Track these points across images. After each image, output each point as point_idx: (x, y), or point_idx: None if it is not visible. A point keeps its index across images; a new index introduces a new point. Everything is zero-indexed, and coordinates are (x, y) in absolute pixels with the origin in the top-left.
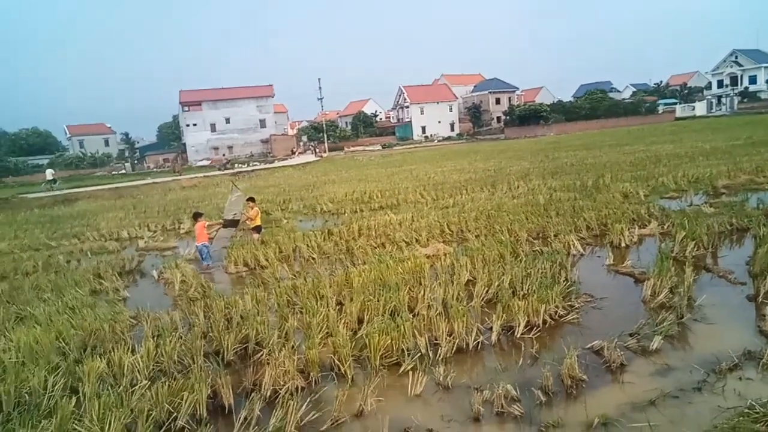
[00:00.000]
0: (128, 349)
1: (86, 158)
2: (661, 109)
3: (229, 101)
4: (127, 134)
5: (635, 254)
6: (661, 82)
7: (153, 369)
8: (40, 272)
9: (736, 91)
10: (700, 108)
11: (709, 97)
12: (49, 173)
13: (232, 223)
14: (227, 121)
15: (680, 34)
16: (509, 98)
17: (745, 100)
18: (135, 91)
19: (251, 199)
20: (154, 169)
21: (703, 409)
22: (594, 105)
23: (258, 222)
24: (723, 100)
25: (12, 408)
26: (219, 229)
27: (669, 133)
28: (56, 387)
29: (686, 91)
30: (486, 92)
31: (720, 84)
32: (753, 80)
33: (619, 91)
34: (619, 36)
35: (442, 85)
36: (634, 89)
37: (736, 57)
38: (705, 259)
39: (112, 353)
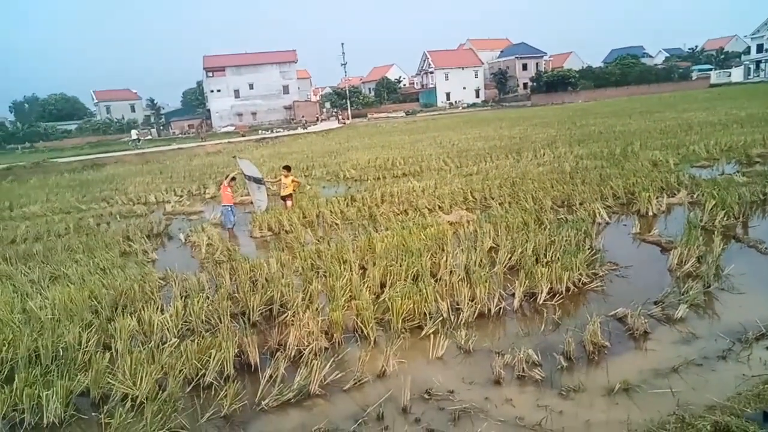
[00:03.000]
0: (158, 308)
1: (113, 124)
2: (695, 75)
3: (252, 67)
4: (152, 100)
5: (662, 223)
6: (696, 46)
7: (182, 328)
8: (71, 234)
9: None
10: (736, 74)
11: (747, 62)
12: (134, 133)
13: (257, 180)
14: (251, 86)
15: None
16: (537, 64)
17: None
18: (159, 58)
19: (287, 168)
20: (180, 135)
21: (727, 376)
22: (625, 71)
23: (290, 191)
24: (762, 65)
25: (50, 361)
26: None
27: (702, 100)
28: (90, 343)
29: (722, 56)
30: (513, 57)
31: (760, 48)
32: None
33: (651, 57)
34: None
35: (468, 50)
36: (667, 54)
37: None
38: (735, 229)
39: (143, 312)
